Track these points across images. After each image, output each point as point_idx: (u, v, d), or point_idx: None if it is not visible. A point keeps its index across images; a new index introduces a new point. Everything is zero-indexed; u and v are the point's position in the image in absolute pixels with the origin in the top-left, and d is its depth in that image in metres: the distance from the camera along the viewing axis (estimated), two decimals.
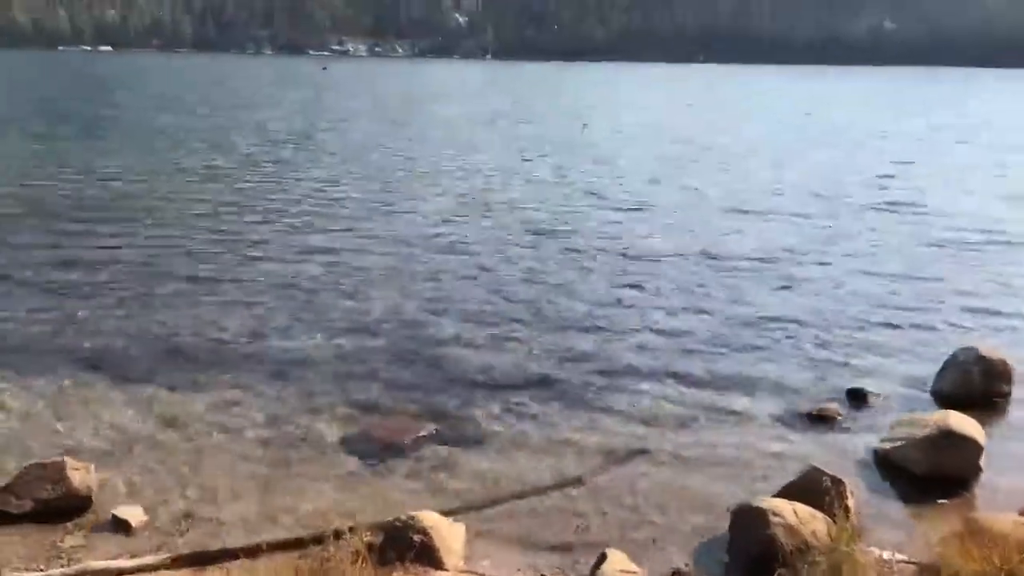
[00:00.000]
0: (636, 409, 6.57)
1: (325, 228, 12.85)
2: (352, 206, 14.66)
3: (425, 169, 19.53)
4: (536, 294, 9.58)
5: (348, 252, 11.36)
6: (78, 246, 11.17)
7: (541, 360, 7.54)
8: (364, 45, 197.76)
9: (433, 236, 12.45)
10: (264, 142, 24.04)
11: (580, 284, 10.03)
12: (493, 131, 29.65)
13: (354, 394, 6.73)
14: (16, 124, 26.67)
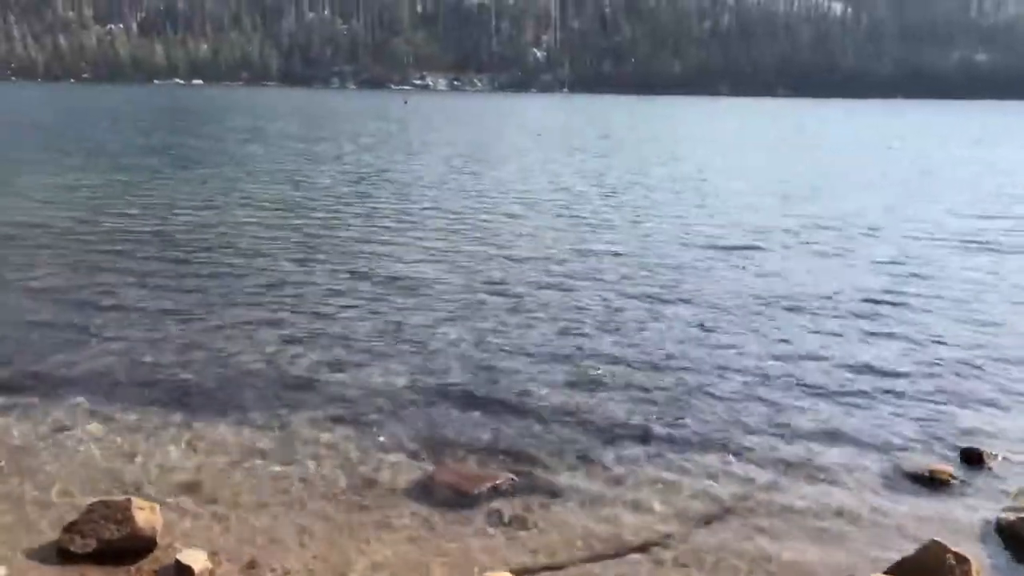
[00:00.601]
0: (727, 464, 6.11)
1: (401, 259, 12.73)
2: (429, 239, 14.53)
3: (503, 201, 19.33)
4: (619, 337, 9.15)
5: (423, 285, 11.17)
6: (157, 276, 11.26)
7: (624, 408, 7.13)
8: (444, 79, 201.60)
9: (512, 271, 12.17)
10: (343, 174, 24.28)
11: (665, 328, 9.53)
12: (575, 163, 29.42)
13: (426, 437, 6.46)
14: (108, 155, 27.70)
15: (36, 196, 18.05)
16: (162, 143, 33.37)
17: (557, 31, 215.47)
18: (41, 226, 14.57)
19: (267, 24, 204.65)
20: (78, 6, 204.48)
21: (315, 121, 53.64)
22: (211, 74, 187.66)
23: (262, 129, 43.26)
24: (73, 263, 11.92)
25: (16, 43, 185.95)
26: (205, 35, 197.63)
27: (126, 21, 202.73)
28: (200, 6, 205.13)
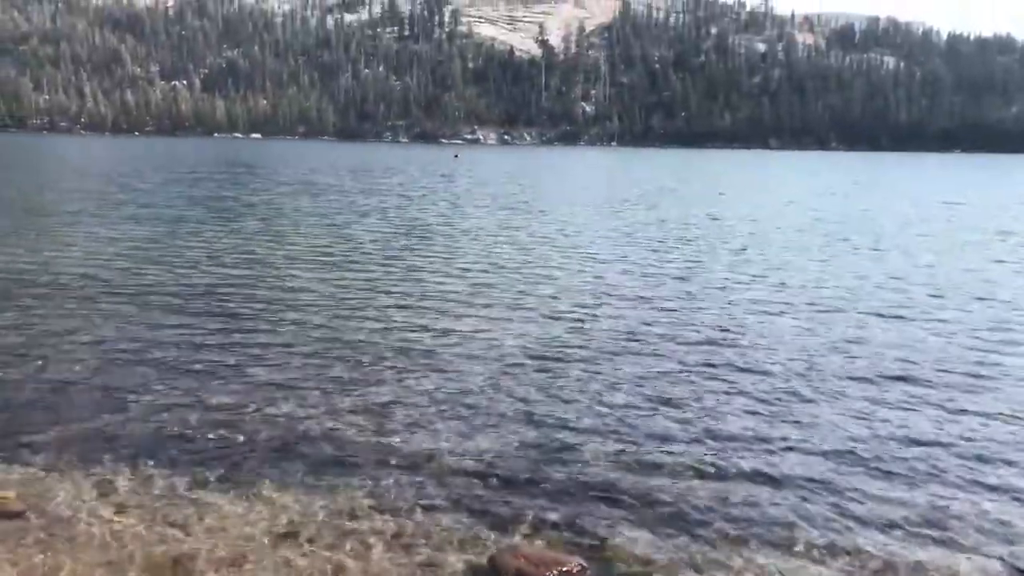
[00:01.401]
0: (810, 552, 5.49)
1: (454, 318, 12.32)
2: (482, 296, 14.13)
3: (562, 255, 18.92)
4: (690, 409, 8.53)
5: (479, 347, 10.72)
6: (203, 331, 10.99)
7: (697, 489, 6.54)
8: (494, 133, 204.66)
9: (574, 332, 11.66)
10: (392, 226, 24.11)
11: (738, 401, 8.93)
12: (629, 214, 29.01)
13: (488, 512, 5.95)
14: (159, 207, 28.10)
15: (86, 247, 18.17)
16: (213, 195, 33.81)
17: (606, 85, 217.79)
18: (90, 277, 14.55)
19: (324, 81, 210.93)
20: (146, 64, 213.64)
21: (366, 174, 54.31)
22: (270, 129, 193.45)
23: (314, 182, 43.81)
24: (119, 316, 11.77)
25: (87, 99, 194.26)
26: (265, 92, 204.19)
27: (190, 78, 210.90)
28: (261, 64, 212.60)
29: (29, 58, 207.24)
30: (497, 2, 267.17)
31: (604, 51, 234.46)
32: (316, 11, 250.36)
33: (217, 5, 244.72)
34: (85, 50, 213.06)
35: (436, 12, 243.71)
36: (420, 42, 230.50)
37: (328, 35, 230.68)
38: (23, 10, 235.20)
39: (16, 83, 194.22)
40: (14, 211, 25.72)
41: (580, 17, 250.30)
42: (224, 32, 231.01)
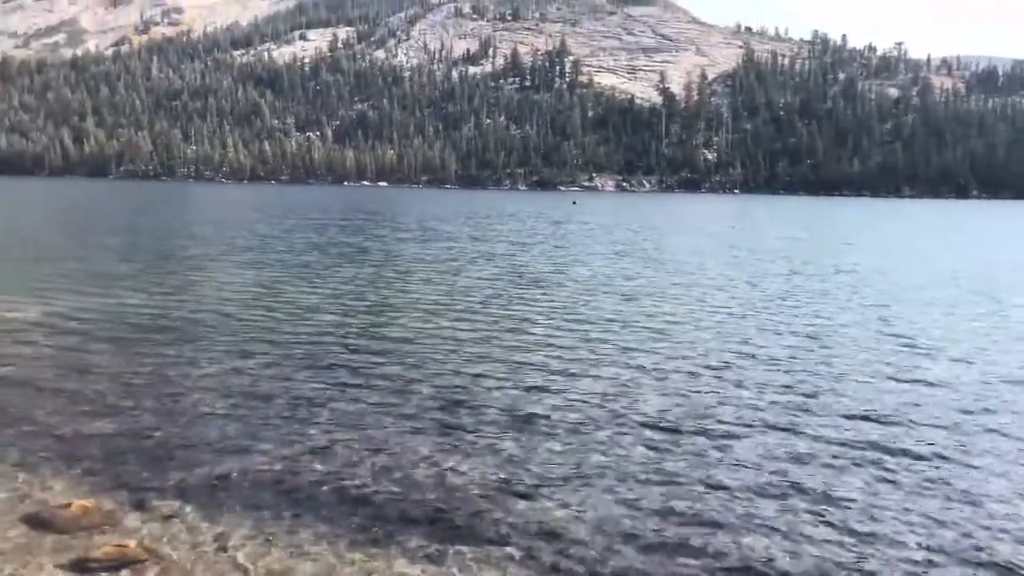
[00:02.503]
0: None
1: (575, 372, 11.84)
2: (604, 347, 13.60)
3: (680, 307, 18.16)
4: (842, 503, 7.74)
5: (596, 404, 10.21)
6: (316, 379, 10.96)
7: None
8: (612, 180, 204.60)
9: (696, 392, 10.97)
10: (509, 274, 23.84)
11: (901, 490, 7.97)
12: (754, 264, 27.85)
13: None
14: (281, 254, 29.01)
15: (209, 291, 18.78)
16: (334, 241, 34.64)
17: (729, 132, 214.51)
18: (210, 322, 14.91)
19: (447, 131, 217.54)
20: (283, 116, 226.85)
21: (483, 220, 54.92)
22: (395, 177, 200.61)
23: (431, 228, 44.50)
24: (240, 361, 11.93)
25: (229, 149, 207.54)
26: (391, 142, 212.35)
27: (323, 130, 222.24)
28: (388, 116, 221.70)
29: (180, 112, 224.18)
30: (618, 52, 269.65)
31: (727, 98, 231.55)
32: (442, 65, 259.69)
33: (349, 62, 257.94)
34: (229, 104, 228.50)
35: (557, 63, 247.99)
36: (541, 92, 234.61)
37: (453, 87, 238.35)
38: (177, 69, 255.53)
39: (168, 135, 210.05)
40: (147, 254, 27.16)
41: (702, 65, 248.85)
42: (355, 86, 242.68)
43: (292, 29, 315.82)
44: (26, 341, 12.62)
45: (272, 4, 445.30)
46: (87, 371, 10.88)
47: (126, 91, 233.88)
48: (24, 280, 19.30)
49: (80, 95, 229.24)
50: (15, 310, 15.04)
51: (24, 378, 10.48)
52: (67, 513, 6.36)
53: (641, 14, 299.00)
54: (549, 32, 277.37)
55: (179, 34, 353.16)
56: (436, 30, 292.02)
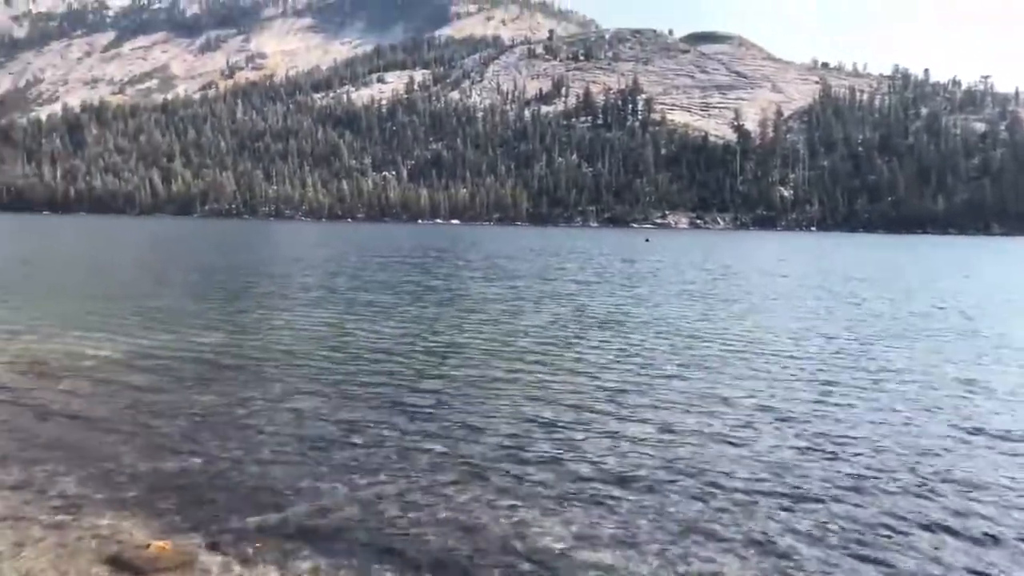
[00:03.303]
0: None
1: (647, 420, 11.50)
2: (676, 395, 13.23)
3: (756, 350, 17.58)
4: None
5: (666, 458, 9.88)
6: (373, 422, 10.91)
7: None
8: (686, 218, 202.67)
9: (781, 447, 10.52)
10: (576, 314, 23.61)
11: None
12: (836, 306, 26.90)
13: None
14: (352, 292, 29.39)
15: (278, 328, 19.08)
16: (404, 279, 34.81)
17: (805, 169, 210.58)
18: (280, 359, 15.10)
19: (519, 169, 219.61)
20: (360, 156, 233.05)
21: (553, 257, 54.81)
22: (468, 215, 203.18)
23: (500, 266, 44.56)
24: (307, 399, 12.01)
25: (308, 188, 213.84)
26: (464, 180, 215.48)
27: (398, 169, 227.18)
28: (461, 156, 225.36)
29: (263, 153, 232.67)
30: (691, 90, 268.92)
31: (803, 135, 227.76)
32: (514, 105, 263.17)
33: (425, 103, 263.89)
34: (309, 145, 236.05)
35: (629, 101, 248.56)
36: (613, 130, 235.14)
37: (525, 127, 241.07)
38: (260, 111, 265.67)
39: (251, 175, 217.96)
40: (224, 292, 27.85)
41: (777, 101, 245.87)
42: (430, 127, 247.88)
43: (370, 72, 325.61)
44: (106, 379, 12.98)
45: (351, 48, 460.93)
46: (164, 410, 11.10)
47: (212, 133, 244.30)
48: (104, 317, 20.00)
49: (169, 137, 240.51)
50: (96, 347, 15.54)
51: (103, 416, 10.74)
52: (146, 554, 6.41)
53: (715, 52, 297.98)
54: (621, 71, 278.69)
55: (263, 78, 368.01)
56: (509, 71, 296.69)
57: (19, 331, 17.24)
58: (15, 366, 13.73)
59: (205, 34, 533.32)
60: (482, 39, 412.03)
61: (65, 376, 13.03)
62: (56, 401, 11.41)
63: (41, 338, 16.45)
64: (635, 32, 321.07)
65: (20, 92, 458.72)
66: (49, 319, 19.29)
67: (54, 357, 14.54)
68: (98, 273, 36.36)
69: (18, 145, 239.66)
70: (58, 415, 10.71)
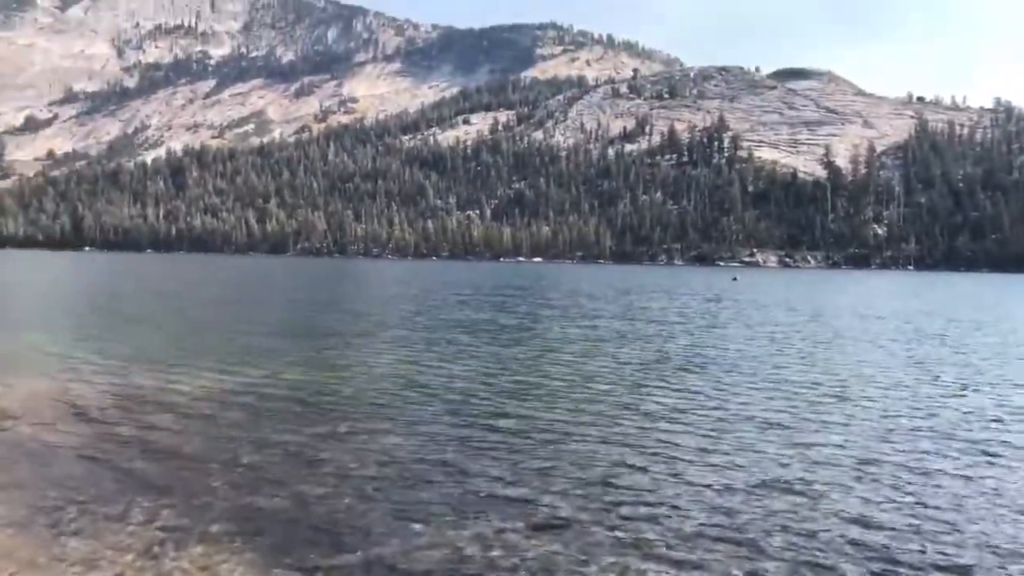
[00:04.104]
0: None
1: (742, 470, 11.13)
2: (771, 446, 12.77)
3: (852, 402, 16.87)
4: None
5: (760, 519, 9.50)
6: (453, 463, 10.88)
7: None
8: (774, 255, 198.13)
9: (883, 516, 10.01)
10: (657, 355, 23.19)
11: None
12: (946, 352, 25.64)
13: None
14: (433, 332, 29.63)
15: (350, 367, 19.35)
16: (482, 317, 35.00)
17: (901, 206, 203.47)
18: (354, 397, 15.28)
19: (603, 207, 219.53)
20: (445, 196, 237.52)
21: (637, 295, 54.18)
22: (550, 252, 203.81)
23: (581, 304, 44.27)
24: (393, 435, 12.09)
25: (395, 227, 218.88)
26: (547, 218, 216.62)
27: (482, 208, 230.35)
28: (544, 194, 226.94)
29: (352, 193, 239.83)
30: (779, 127, 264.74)
31: (898, 171, 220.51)
32: (598, 144, 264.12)
33: (509, 143, 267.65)
34: (396, 185, 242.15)
35: (715, 138, 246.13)
36: (698, 168, 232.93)
37: (608, 165, 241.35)
38: (351, 153, 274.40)
39: (341, 215, 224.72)
40: (311, 329, 28.50)
41: (870, 137, 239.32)
42: (514, 166, 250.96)
43: (456, 114, 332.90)
44: (198, 413, 13.41)
45: (438, 91, 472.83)
46: (254, 446, 11.37)
47: (305, 174, 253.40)
48: (197, 352, 20.75)
49: (265, 179, 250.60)
50: (188, 381, 16.10)
51: (196, 451, 11.07)
52: None
53: (803, 88, 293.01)
54: (707, 109, 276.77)
55: (354, 121, 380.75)
56: (593, 110, 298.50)
57: (115, 365, 18.04)
58: (111, 399, 14.34)
59: (300, 80, 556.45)
60: (566, 79, 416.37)
61: (159, 410, 13.52)
62: (150, 435, 11.84)
63: (137, 372, 17.17)
64: (721, 70, 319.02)
65: (129, 138, 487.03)
66: (145, 353, 20.15)
67: (149, 391, 15.13)
68: (193, 308, 37.90)
69: (125, 188, 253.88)
70: (152, 449, 11.10)
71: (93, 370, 17.31)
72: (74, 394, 14.65)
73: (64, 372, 16.96)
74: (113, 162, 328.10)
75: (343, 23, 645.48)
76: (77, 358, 19.03)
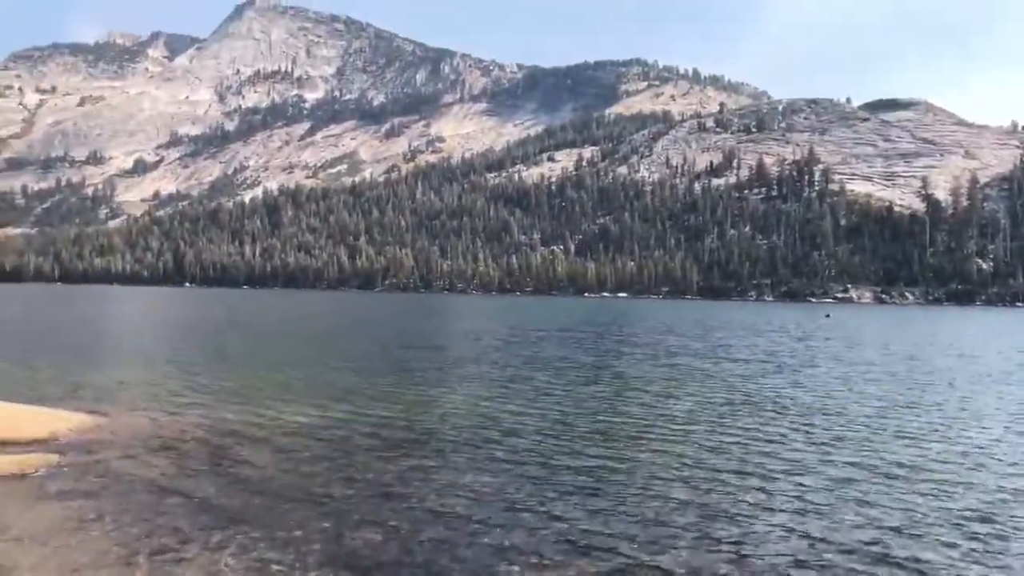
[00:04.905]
0: None
1: (833, 518, 10.82)
2: (880, 500, 12.34)
3: (964, 455, 16.14)
4: None
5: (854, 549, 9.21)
6: (545, 506, 10.93)
7: None
8: (870, 292, 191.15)
9: None
10: (745, 397, 22.65)
11: None
12: None
13: None
14: (514, 370, 29.70)
15: (425, 403, 19.59)
16: (561, 354, 34.94)
17: (1007, 240, 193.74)
18: (438, 434, 15.48)
19: (689, 242, 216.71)
20: (529, 232, 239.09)
21: (720, 334, 53.08)
22: (635, 288, 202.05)
23: (662, 342, 43.62)
24: (474, 472, 12.23)
25: (480, 263, 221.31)
26: (632, 254, 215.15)
27: (566, 243, 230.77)
28: (629, 230, 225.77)
29: (439, 230, 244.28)
30: (872, 159, 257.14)
31: (1003, 203, 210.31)
32: (684, 178, 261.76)
33: (593, 178, 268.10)
34: (482, 222, 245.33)
35: (806, 172, 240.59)
36: (788, 202, 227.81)
37: (695, 199, 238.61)
38: (438, 191, 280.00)
39: (428, 251, 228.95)
40: (396, 364, 28.97)
41: (972, 168, 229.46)
42: (598, 201, 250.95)
43: (540, 151, 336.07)
44: (291, 447, 13.94)
45: (523, 129, 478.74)
46: (345, 480, 11.78)
47: (393, 212, 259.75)
48: (288, 386, 21.49)
49: (356, 217, 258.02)
50: (279, 416, 16.72)
51: (290, 484, 11.52)
52: None
53: (898, 119, 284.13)
54: (796, 142, 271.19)
55: (441, 160, 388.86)
56: (678, 145, 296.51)
57: (208, 399, 18.87)
58: (204, 433, 15.00)
59: (390, 121, 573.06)
60: (651, 115, 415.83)
61: (250, 444, 14.09)
62: (242, 469, 12.36)
63: (228, 406, 17.93)
64: (810, 102, 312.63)
65: (228, 178, 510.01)
66: (237, 387, 21.02)
67: (240, 425, 15.78)
68: (284, 343, 39.23)
69: (224, 226, 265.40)
70: (243, 482, 11.58)
71: (186, 403, 18.17)
72: (168, 427, 15.41)
73: (158, 405, 17.86)
74: (213, 202, 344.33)
75: (431, 65, 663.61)
76: (173, 391, 20.00)
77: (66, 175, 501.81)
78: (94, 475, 11.63)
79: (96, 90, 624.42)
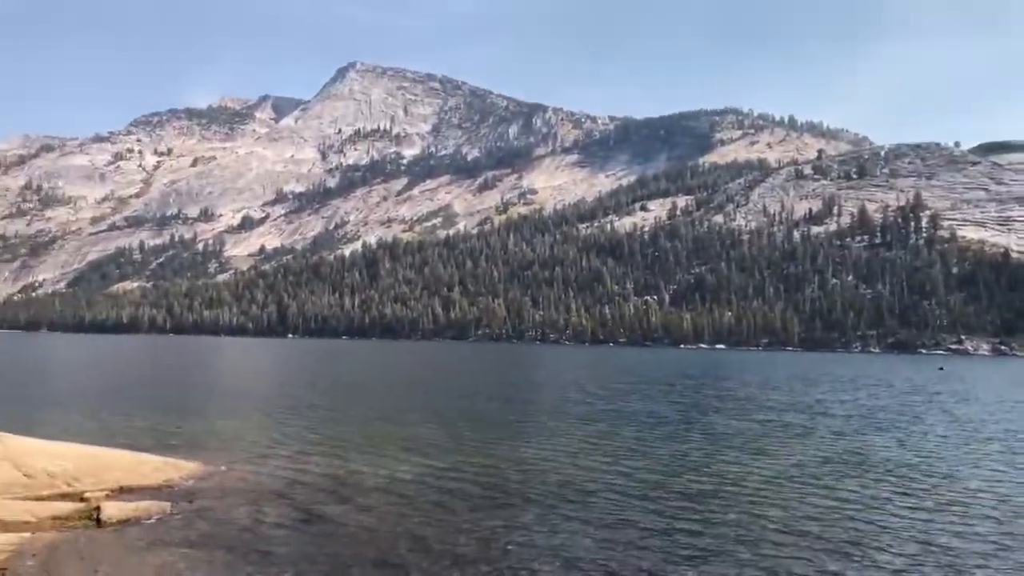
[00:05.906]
0: None
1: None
2: None
3: None
4: None
5: None
6: (647, 568, 10.75)
7: None
8: (986, 343, 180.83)
9: None
10: (844, 458, 21.72)
11: None
12: None
13: None
14: (605, 424, 29.35)
15: (530, 456, 19.54)
16: (649, 409, 34.33)
17: None
18: (528, 484, 15.42)
19: (789, 292, 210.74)
20: (622, 282, 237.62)
21: (820, 388, 51.07)
22: (733, 339, 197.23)
23: (755, 397, 42.29)
24: (567, 533, 12.16)
25: (572, 313, 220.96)
26: (730, 304, 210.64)
27: (660, 293, 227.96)
28: (726, 279, 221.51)
29: (531, 281, 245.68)
30: (984, 204, 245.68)
31: None
32: (782, 226, 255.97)
33: (687, 228, 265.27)
34: (574, 272, 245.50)
35: (911, 218, 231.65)
36: (893, 249, 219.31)
37: (794, 248, 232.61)
38: (530, 242, 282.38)
39: (520, 302, 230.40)
40: (485, 417, 29.17)
41: None
42: (693, 251, 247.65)
43: (633, 201, 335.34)
44: (390, 499, 14.26)
45: (615, 180, 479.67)
46: (444, 532, 12.10)
47: (487, 263, 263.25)
48: (386, 439, 21.89)
49: (450, 268, 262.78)
50: (378, 467, 17.07)
51: (392, 532, 11.81)
52: None
53: (1010, 162, 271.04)
54: (900, 187, 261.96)
55: (533, 212, 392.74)
56: (775, 193, 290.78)
57: (315, 451, 19.41)
58: (313, 485, 15.44)
59: (483, 175, 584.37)
60: (746, 163, 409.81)
61: (345, 495, 14.44)
62: (346, 521, 12.68)
63: (325, 457, 18.42)
64: (915, 147, 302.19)
65: (330, 233, 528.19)
66: (333, 439, 21.57)
67: (337, 477, 16.18)
68: (379, 393, 40.05)
69: (325, 279, 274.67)
70: (347, 535, 11.87)
71: (290, 454, 18.75)
72: (274, 479, 15.94)
73: (267, 457, 18.48)
74: (315, 256, 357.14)
75: (523, 120, 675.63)
76: (278, 442, 20.68)
77: (179, 232, 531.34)
78: (203, 524, 12.15)
79: (208, 151, 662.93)
